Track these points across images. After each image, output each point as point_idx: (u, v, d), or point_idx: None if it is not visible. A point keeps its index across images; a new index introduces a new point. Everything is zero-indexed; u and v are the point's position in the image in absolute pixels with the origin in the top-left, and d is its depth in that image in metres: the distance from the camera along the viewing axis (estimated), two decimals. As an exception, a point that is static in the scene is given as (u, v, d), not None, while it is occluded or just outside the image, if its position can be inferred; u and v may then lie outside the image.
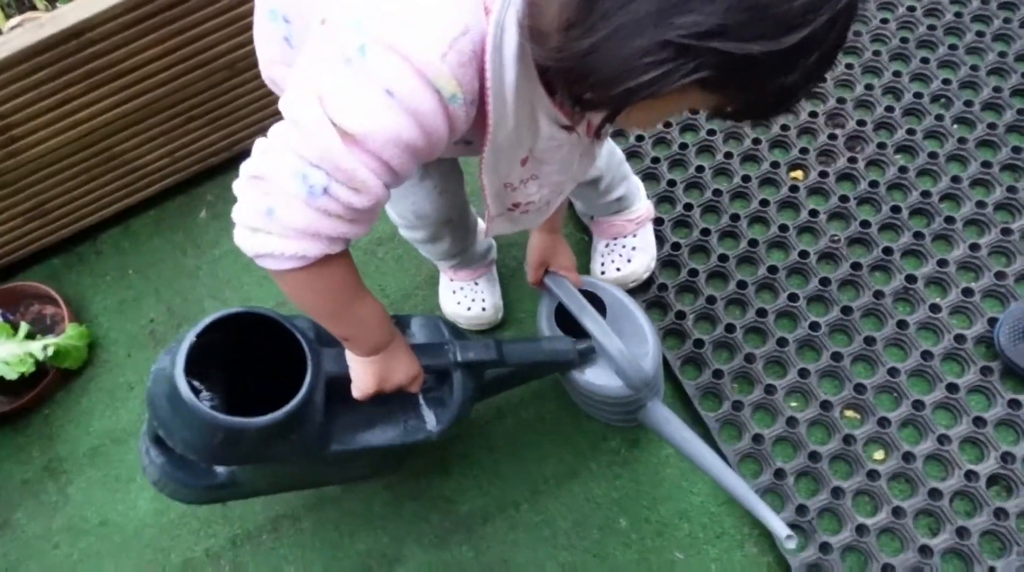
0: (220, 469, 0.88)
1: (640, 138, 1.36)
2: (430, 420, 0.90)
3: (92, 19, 1.15)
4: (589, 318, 0.95)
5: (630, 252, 1.19)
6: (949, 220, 1.19)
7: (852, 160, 1.27)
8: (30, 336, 1.33)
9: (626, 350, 0.93)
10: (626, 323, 0.99)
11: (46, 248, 1.47)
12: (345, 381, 0.83)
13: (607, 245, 1.21)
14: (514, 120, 0.64)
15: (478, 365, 0.91)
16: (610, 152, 1.07)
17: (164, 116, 1.35)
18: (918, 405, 1.06)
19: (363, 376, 0.81)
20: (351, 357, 0.80)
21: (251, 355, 0.80)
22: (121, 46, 1.20)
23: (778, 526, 0.87)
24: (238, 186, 0.62)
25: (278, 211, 0.60)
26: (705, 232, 1.25)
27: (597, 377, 0.98)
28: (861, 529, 1.00)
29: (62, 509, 1.25)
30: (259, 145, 0.61)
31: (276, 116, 0.75)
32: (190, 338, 0.73)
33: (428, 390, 0.92)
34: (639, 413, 1.00)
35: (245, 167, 0.61)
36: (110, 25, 1.17)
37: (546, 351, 0.98)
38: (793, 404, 1.10)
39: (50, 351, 1.28)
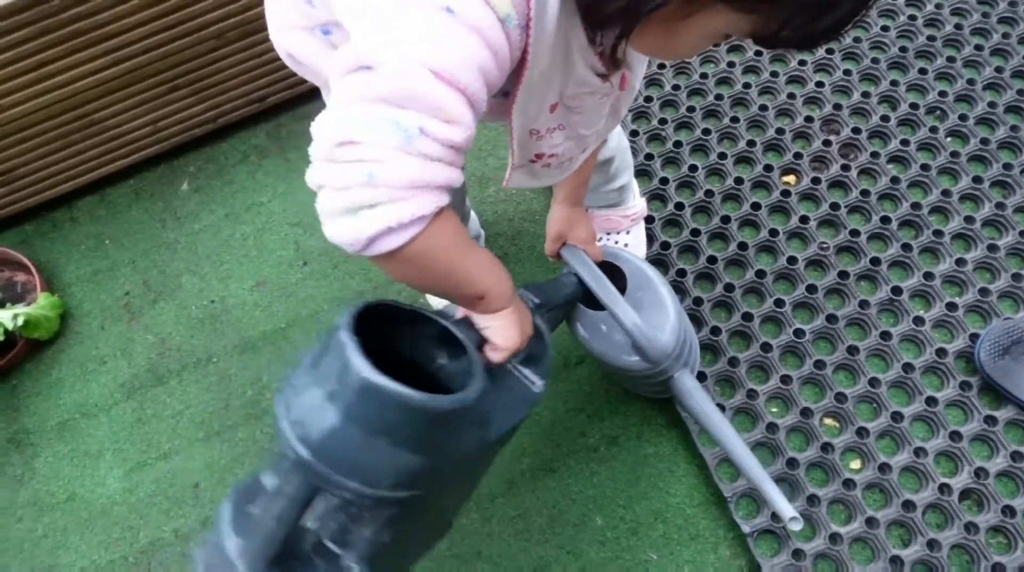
0: (356, 566, 0.66)
1: (635, 134, 1.34)
2: (534, 379, 0.79)
3: (76, -21, 1.11)
4: (604, 290, 0.93)
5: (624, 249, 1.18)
6: (937, 233, 1.20)
7: (845, 168, 1.27)
8: (0, 304, 1.29)
9: (641, 323, 0.91)
10: (647, 295, 0.97)
11: (19, 213, 1.43)
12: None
13: (599, 240, 1.20)
14: (550, 56, 0.61)
15: (542, 308, 0.85)
16: (619, 134, 1.06)
17: (147, 84, 1.30)
18: (897, 417, 1.07)
19: (506, 331, 0.71)
20: (487, 320, 0.71)
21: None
22: (105, 9, 1.16)
23: (785, 508, 0.86)
24: (317, 172, 0.54)
25: (379, 172, 0.52)
26: (695, 233, 1.24)
27: (616, 350, 0.96)
28: (834, 537, 1.01)
29: (27, 483, 1.22)
30: (324, 120, 0.54)
31: (265, 88, 0.68)
32: (351, 337, 0.58)
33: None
34: (669, 384, 0.99)
35: (321, 142, 0.54)
36: (94, -14, 1.13)
37: (566, 286, 0.95)
38: (774, 409, 1.10)
39: (20, 321, 1.24)
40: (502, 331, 0.72)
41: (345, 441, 0.57)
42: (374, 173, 0.52)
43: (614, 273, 0.98)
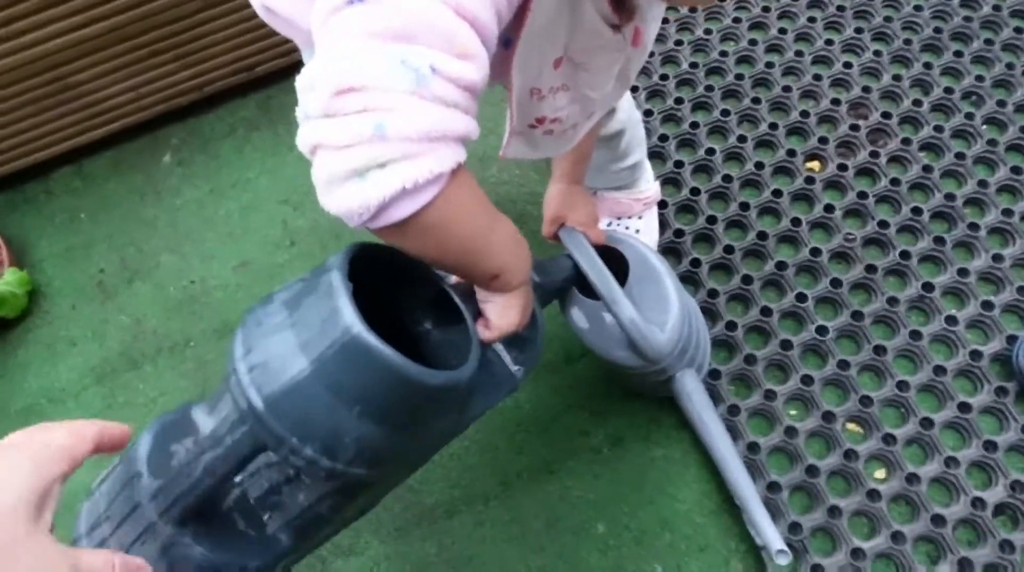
0: (281, 534, 0.58)
1: (648, 113, 1.25)
2: (513, 365, 0.71)
3: (46, -75, 1.02)
4: (600, 279, 0.85)
5: (633, 234, 1.10)
6: (972, 227, 1.11)
7: (874, 154, 1.18)
8: (-38, 279, 1.20)
9: (638, 318, 0.83)
10: (649, 286, 0.88)
11: (-12, 183, 1.34)
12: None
13: (610, 224, 1.12)
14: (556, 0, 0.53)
15: (538, 288, 0.76)
16: (630, 106, 0.98)
17: (127, 46, 1.22)
18: (926, 423, 0.99)
19: (507, 311, 0.63)
20: (490, 295, 0.63)
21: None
22: (79, -40, 1.07)
23: (773, 538, 0.80)
24: (312, 130, 0.46)
25: (390, 122, 0.44)
26: (711, 220, 1.16)
27: (611, 344, 0.88)
28: (856, 553, 0.93)
29: (-13, 471, 1.14)
30: (315, 68, 0.45)
31: (255, 56, 0.58)
32: (345, 282, 0.50)
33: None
34: (671, 385, 0.91)
35: (315, 93, 0.45)
36: (67, -65, 1.04)
37: (562, 269, 0.86)
38: (793, 412, 1.02)
39: (-17, 297, 1.16)
40: (502, 310, 0.63)
41: (310, 400, 0.49)
42: (383, 123, 0.44)
43: (616, 260, 0.90)
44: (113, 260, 1.29)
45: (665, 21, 1.35)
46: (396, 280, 0.62)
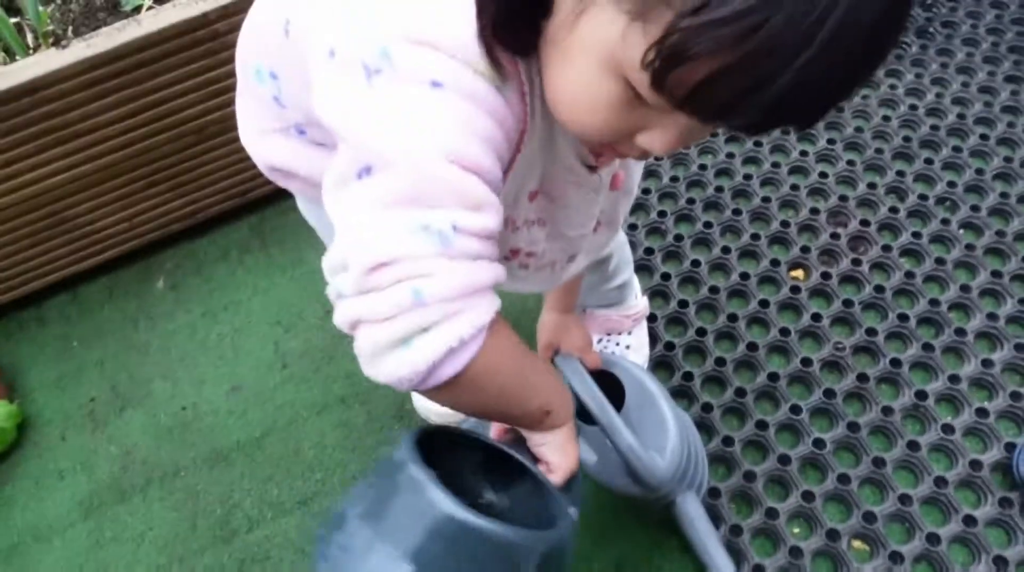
0: None
1: (633, 227, 1.28)
2: (568, 506, 0.68)
3: (47, 77, 1.06)
4: (598, 406, 0.85)
5: (623, 350, 1.11)
6: (959, 332, 1.12)
7: (856, 262, 1.21)
8: (-49, 415, 1.19)
9: (637, 445, 0.83)
10: (646, 410, 0.88)
11: (-18, 314, 1.35)
12: None
13: (600, 341, 1.12)
14: (539, 132, 0.55)
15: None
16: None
17: (123, 180, 1.25)
18: (933, 539, 0.97)
19: (565, 447, 0.64)
20: (545, 439, 0.64)
21: None
22: (77, 106, 1.12)
23: None
24: (350, 308, 0.48)
25: (425, 287, 0.46)
26: (701, 332, 1.16)
27: (610, 471, 0.87)
28: None
29: (-35, 620, 1.09)
30: (342, 248, 0.48)
31: (247, 183, 0.58)
32: (427, 471, 0.51)
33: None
34: (672, 509, 0.90)
35: (347, 273, 0.48)
36: (67, 84, 1.08)
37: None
38: (796, 530, 1.00)
39: (-30, 435, 1.15)
40: (560, 449, 0.63)
41: None
42: (420, 289, 0.46)
43: (611, 383, 0.90)
44: (104, 387, 1.28)
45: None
46: (447, 453, 0.62)
